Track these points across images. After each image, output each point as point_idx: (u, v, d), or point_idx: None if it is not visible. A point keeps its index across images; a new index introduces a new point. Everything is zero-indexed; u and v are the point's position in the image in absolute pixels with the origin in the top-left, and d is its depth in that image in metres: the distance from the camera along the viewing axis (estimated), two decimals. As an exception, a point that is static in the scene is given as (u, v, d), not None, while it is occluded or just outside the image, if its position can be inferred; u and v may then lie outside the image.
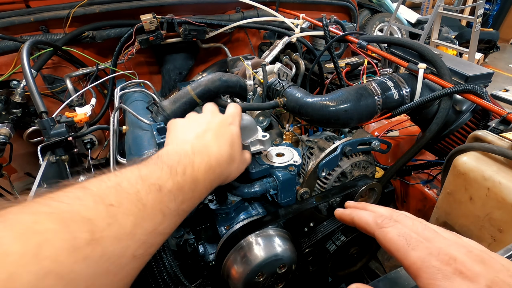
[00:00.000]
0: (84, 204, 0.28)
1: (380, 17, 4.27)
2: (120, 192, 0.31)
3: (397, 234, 0.35)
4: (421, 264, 0.32)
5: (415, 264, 0.32)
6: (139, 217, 0.31)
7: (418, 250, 0.33)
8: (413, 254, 0.33)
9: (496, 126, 0.79)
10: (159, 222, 0.33)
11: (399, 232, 0.35)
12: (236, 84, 0.96)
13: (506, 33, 5.87)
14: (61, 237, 0.25)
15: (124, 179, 0.33)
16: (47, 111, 0.87)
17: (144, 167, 0.36)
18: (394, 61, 1.03)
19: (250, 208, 0.75)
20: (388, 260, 1.12)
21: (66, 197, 0.29)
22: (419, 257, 0.32)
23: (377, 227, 0.38)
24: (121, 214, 0.30)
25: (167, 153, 0.41)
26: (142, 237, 0.31)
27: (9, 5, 1.25)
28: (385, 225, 0.37)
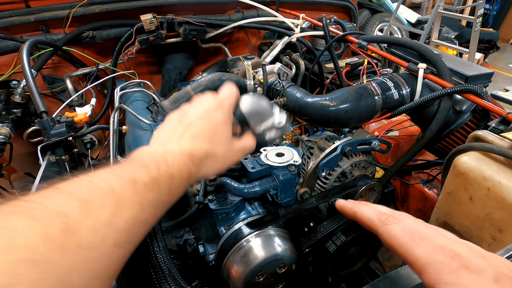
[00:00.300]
0: (56, 201, 0.28)
1: (380, 17, 4.27)
2: (92, 188, 0.31)
3: (402, 230, 0.35)
4: (427, 259, 0.32)
5: (420, 259, 0.32)
6: (116, 207, 0.31)
7: (423, 246, 0.33)
8: (418, 249, 0.33)
9: (496, 126, 0.79)
10: (138, 212, 0.33)
11: (404, 228, 0.35)
12: (236, 84, 0.96)
13: (506, 33, 5.87)
14: (33, 229, 0.25)
15: (96, 177, 0.33)
16: (47, 111, 0.87)
17: (117, 167, 0.36)
18: (394, 61, 1.03)
19: (250, 208, 0.75)
20: (388, 260, 1.12)
21: (37, 197, 0.28)
22: (424, 252, 0.32)
23: (381, 224, 0.38)
24: (96, 206, 0.30)
25: (139, 155, 0.41)
26: (122, 226, 0.31)
27: (9, 5, 1.25)
28: (389, 222, 0.37)
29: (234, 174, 0.81)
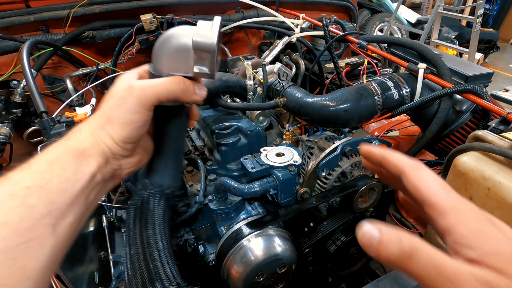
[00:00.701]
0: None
1: (380, 17, 4.27)
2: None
3: (434, 177, 0.29)
4: (453, 205, 0.27)
5: (445, 204, 0.27)
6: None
7: (452, 196, 0.28)
8: (445, 195, 0.27)
9: (496, 126, 0.79)
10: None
11: (436, 177, 0.29)
12: (236, 84, 0.96)
13: (506, 33, 5.87)
14: None
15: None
16: (47, 111, 0.87)
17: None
18: (394, 61, 1.03)
19: (250, 208, 0.75)
20: (388, 260, 1.12)
21: None
22: (452, 199, 0.27)
23: (411, 165, 0.30)
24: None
25: None
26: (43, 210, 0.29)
27: (9, 5, 1.25)
28: (421, 167, 0.30)
29: (234, 174, 0.82)
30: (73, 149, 0.34)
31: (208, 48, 0.37)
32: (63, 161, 0.33)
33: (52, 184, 0.31)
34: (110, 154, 0.37)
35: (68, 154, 0.34)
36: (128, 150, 0.39)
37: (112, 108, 0.37)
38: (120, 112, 0.37)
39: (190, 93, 0.40)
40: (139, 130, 0.38)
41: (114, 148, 0.37)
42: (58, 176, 0.31)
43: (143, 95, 0.37)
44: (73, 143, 0.35)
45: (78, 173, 0.33)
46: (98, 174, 0.36)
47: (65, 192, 0.31)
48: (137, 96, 0.37)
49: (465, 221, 0.26)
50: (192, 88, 0.40)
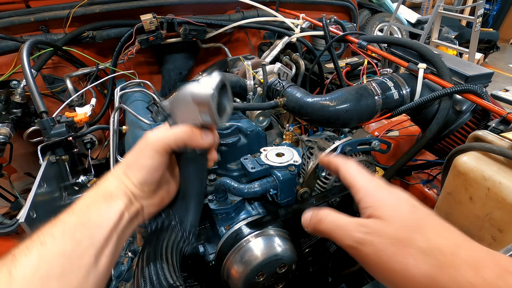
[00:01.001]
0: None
1: (380, 17, 4.27)
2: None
3: (355, 167, 0.42)
4: (364, 184, 0.39)
5: (361, 186, 0.39)
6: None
7: (371, 181, 0.40)
8: (362, 179, 0.40)
9: (496, 126, 0.79)
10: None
11: (357, 167, 0.42)
12: (236, 84, 0.96)
13: (506, 33, 5.87)
14: None
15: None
16: (47, 111, 0.87)
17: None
18: (394, 61, 1.03)
19: (250, 208, 0.75)
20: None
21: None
22: (367, 181, 0.40)
23: (343, 163, 0.44)
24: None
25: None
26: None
27: (9, 5, 1.25)
28: (349, 163, 0.43)
29: (234, 174, 0.82)
30: (103, 193, 0.41)
31: (204, 100, 0.41)
32: (97, 204, 0.40)
33: (91, 223, 0.38)
34: (132, 195, 0.43)
35: (99, 197, 0.41)
36: (146, 192, 0.44)
37: (132, 156, 0.44)
38: (137, 158, 0.44)
39: (196, 139, 0.44)
40: (153, 173, 0.44)
41: (134, 190, 0.43)
42: (95, 216, 0.38)
43: (155, 142, 0.43)
44: (103, 188, 0.42)
45: (110, 212, 0.40)
46: (126, 212, 0.42)
47: (101, 228, 0.38)
48: (149, 143, 0.43)
49: (369, 192, 0.37)
50: (198, 135, 0.45)
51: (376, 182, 0.38)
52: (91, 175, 0.98)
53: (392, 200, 0.36)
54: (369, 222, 0.34)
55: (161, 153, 0.43)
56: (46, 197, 0.73)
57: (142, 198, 0.44)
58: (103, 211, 0.39)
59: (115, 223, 0.39)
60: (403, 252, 0.30)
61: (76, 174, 0.95)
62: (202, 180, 0.51)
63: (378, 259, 0.32)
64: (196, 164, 0.48)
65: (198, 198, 0.50)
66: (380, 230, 0.33)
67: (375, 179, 0.39)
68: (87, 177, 0.97)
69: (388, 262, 0.31)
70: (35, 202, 0.65)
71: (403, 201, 0.36)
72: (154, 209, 0.47)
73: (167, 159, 0.45)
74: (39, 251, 0.34)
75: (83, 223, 0.37)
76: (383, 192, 0.37)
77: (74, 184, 0.93)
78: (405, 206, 0.35)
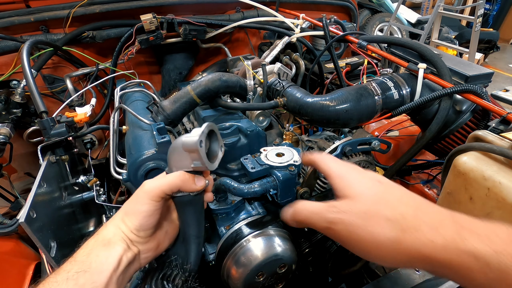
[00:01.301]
0: None
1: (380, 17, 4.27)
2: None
3: (330, 157, 0.45)
4: (337, 168, 0.43)
5: (334, 169, 0.43)
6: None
7: (343, 166, 0.44)
8: (336, 168, 0.43)
9: (496, 126, 0.79)
10: None
11: (332, 158, 0.45)
12: (236, 84, 0.96)
13: (506, 33, 5.87)
14: None
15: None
16: (47, 111, 0.87)
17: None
18: (394, 61, 1.03)
19: (250, 208, 0.75)
20: (388, 260, 1.12)
21: None
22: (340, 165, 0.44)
23: (319, 156, 0.47)
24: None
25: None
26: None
27: (9, 5, 1.25)
28: (324, 155, 0.47)
29: (234, 174, 0.82)
30: (102, 240, 0.44)
31: (192, 147, 0.44)
32: (96, 251, 0.43)
33: (92, 269, 0.41)
34: (129, 241, 0.46)
35: (99, 244, 0.44)
36: (143, 237, 0.47)
37: (129, 204, 0.47)
38: (134, 206, 0.46)
39: (189, 184, 0.47)
40: (149, 219, 0.46)
41: (130, 235, 0.46)
42: (95, 262, 0.41)
43: (151, 190, 0.46)
44: (101, 236, 0.45)
45: (109, 258, 0.42)
46: (124, 257, 0.44)
47: (101, 273, 0.41)
48: (145, 191, 0.46)
49: (340, 177, 0.40)
50: (191, 180, 0.47)
51: (348, 167, 0.42)
52: (91, 175, 0.98)
53: (360, 180, 0.39)
54: (339, 203, 0.38)
55: (156, 200, 0.46)
56: (46, 197, 0.73)
57: (139, 243, 0.47)
58: (103, 257, 0.42)
59: (114, 268, 0.42)
60: (370, 222, 0.34)
61: (76, 174, 0.95)
62: (199, 222, 0.53)
63: (349, 233, 0.35)
64: (192, 207, 0.51)
65: (197, 239, 0.53)
66: (349, 208, 0.36)
67: (347, 165, 0.43)
68: (87, 177, 0.97)
69: (358, 234, 0.34)
70: (35, 202, 0.65)
71: (369, 179, 0.39)
72: (150, 254, 0.49)
73: (162, 205, 0.47)
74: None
75: (84, 269, 0.40)
76: (352, 175, 0.40)
77: (74, 184, 0.93)
78: (371, 183, 0.39)
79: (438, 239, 0.30)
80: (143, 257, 0.48)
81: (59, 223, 0.75)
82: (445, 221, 0.32)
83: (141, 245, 0.47)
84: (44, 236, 0.64)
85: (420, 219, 0.32)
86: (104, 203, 0.92)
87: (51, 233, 0.69)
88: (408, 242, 0.31)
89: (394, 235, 0.32)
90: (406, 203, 0.35)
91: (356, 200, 0.37)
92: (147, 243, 0.48)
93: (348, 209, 0.36)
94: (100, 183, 0.97)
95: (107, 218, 0.99)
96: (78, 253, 0.43)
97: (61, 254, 0.69)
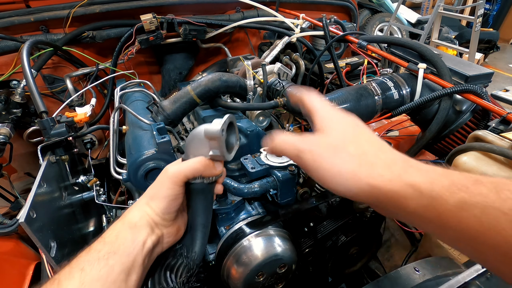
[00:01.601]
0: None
1: (380, 17, 4.27)
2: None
3: (315, 96, 0.45)
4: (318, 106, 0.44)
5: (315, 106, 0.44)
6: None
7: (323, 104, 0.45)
8: (319, 105, 0.44)
9: (496, 126, 0.79)
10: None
11: (316, 96, 0.45)
12: (236, 84, 0.96)
13: (506, 33, 5.87)
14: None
15: None
16: (47, 111, 0.87)
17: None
18: (394, 61, 1.03)
19: (250, 208, 0.75)
20: (388, 260, 1.12)
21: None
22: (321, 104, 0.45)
23: (306, 93, 0.46)
24: None
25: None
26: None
27: (9, 5, 1.25)
28: (311, 93, 0.46)
29: (234, 174, 0.82)
30: (128, 223, 0.47)
31: (214, 135, 0.47)
32: (124, 233, 0.45)
33: (120, 250, 0.43)
34: (154, 224, 0.48)
35: (126, 227, 0.46)
36: (167, 220, 0.49)
37: (153, 188, 0.49)
38: (158, 190, 0.49)
39: (210, 169, 0.49)
40: (173, 202, 0.48)
41: (156, 219, 0.48)
42: (123, 245, 0.44)
43: (173, 174, 0.48)
44: (128, 219, 0.48)
45: (135, 240, 0.45)
46: (149, 239, 0.46)
47: (129, 255, 0.43)
48: (169, 176, 0.48)
49: (321, 114, 0.42)
50: (211, 165, 0.49)
51: (331, 107, 0.43)
52: (91, 175, 0.97)
53: (337, 119, 0.41)
54: (312, 136, 0.40)
55: (179, 184, 0.48)
56: (46, 197, 0.73)
57: (163, 226, 0.49)
58: (130, 240, 0.45)
59: (140, 250, 0.45)
60: (335, 155, 0.37)
61: (76, 174, 0.95)
62: (208, 212, 0.54)
63: (314, 162, 0.38)
64: (203, 195, 0.52)
65: (204, 229, 0.54)
66: (319, 140, 0.39)
67: (331, 106, 0.44)
68: (87, 177, 0.97)
69: (322, 164, 0.37)
70: (35, 202, 0.65)
71: (347, 120, 0.41)
72: (171, 238, 0.51)
73: (183, 189, 0.50)
74: (80, 276, 0.39)
75: (114, 251, 0.43)
76: (333, 113, 0.42)
77: (74, 184, 0.93)
78: (348, 123, 0.40)
79: (387, 174, 0.33)
80: (165, 241, 0.50)
81: (59, 223, 0.75)
82: (398, 160, 0.35)
83: (164, 228, 0.49)
84: (44, 236, 0.64)
85: (378, 157, 0.35)
86: (104, 203, 0.92)
87: (51, 233, 0.69)
88: (362, 174, 0.34)
89: (352, 167, 0.35)
90: (371, 143, 0.38)
91: (328, 135, 0.39)
92: (170, 227, 0.50)
93: (318, 141, 0.39)
94: (100, 183, 0.97)
95: (107, 218, 0.99)
96: (106, 234, 0.46)
97: (61, 254, 0.69)
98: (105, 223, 0.98)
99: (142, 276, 0.46)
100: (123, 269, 0.42)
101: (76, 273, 0.40)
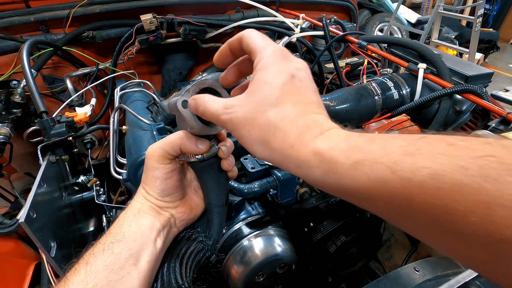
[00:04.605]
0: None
1: (380, 17, 4.27)
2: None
3: (256, 33, 0.39)
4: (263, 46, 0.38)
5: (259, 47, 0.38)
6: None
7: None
8: (261, 44, 0.38)
9: (496, 126, 0.79)
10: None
11: (257, 33, 0.39)
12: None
13: (506, 33, 5.87)
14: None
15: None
16: (47, 111, 0.87)
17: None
18: (394, 61, 1.03)
19: (250, 208, 0.75)
20: (388, 260, 1.12)
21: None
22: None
23: (246, 31, 0.40)
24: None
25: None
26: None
27: (9, 5, 1.25)
28: (251, 30, 0.40)
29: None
30: (131, 212, 0.46)
31: (173, 107, 0.41)
32: (128, 222, 0.45)
33: (126, 238, 0.43)
34: (157, 207, 0.47)
35: (129, 216, 0.46)
36: (170, 201, 0.47)
37: (144, 175, 0.48)
38: (147, 174, 0.47)
39: (189, 144, 0.44)
40: (167, 182, 0.46)
41: (157, 202, 0.47)
42: (128, 232, 0.43)
43: (153, 154, 0.46)
44: (130, 209, 0.47)
45: (141, 226, 0.44)
46: (156, 222, 0.45)
47: (135, 240, 0.43)
48: (150, 156, 0.46)
49: (261, 59, 0.36)
50: (192, 141, 0.44)
51: (275, 48, 0.37)
52: (91, 175, 0.98)
53: (273, 69, 0.35)
54: (234, 102, 0.36)
55: (163, 162, 0.45)
56: (46, 197, 0.73)
57: (169, 207, 0.47)
58: (134, 227, 0.44)
59: (147, 234, 0.44)
60: (249, 127, 0.35)
61: (76, 174, 0.95)
62: (218, 189, 0.49)
63: (234, 132, 0.36)
64: (206, 174, 0.48)
65: (216, 208, 0.50)
66: (239, 108, 0.36)
67: (276, 45, 0.38)
68: (87, 177, 0.97)
69: (239, 131, 0.36)
70: (35, 202, 0.65)
71: (283, 71, 0.35)
72: (186, 216, 0.49)
73: (175, 166, 0.46)
74: (85, 268, 0.39)
75: (118, 239, 0.42)
76: (272, 59, 0.36)
77: (74, 184, 0.93)
78: (280, 78, 0.35)
79: (296, 143, 0.32)
80: (178, 221, 0.48)
81: (59, 223, 0.75)
82: (311, 126, 0.33)
83: (172, 209, 0.48)
84: (44, 236, 0.64)
85: (295, 123, 0.33)
86: (104, 203, 0.92)
87: (51, 233, 0.69)
88: (270, 139, 0.34)
89: (261, 136, 0.34)
90: (297, 105, 0.34)
91: (250, 99, 0.35)
92: (178, 207, 0.48)
93: (239, 109, 0.36)
94: (100, 183, 0.97)
95: (107, 218, 0.99)
96: (112, 227, 0.45)
97: (61, 254, 0.69)
98: (105, 223, 0.98)
99: (158, 255, 0.45)
100: (131, 254, 0.41)
101: (82, 267, 0.39)
